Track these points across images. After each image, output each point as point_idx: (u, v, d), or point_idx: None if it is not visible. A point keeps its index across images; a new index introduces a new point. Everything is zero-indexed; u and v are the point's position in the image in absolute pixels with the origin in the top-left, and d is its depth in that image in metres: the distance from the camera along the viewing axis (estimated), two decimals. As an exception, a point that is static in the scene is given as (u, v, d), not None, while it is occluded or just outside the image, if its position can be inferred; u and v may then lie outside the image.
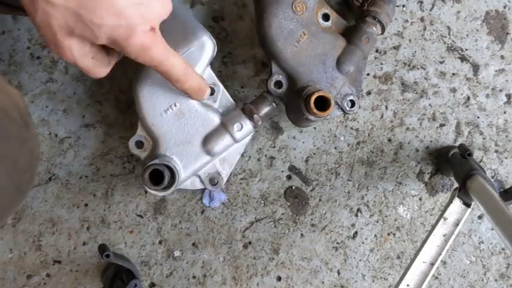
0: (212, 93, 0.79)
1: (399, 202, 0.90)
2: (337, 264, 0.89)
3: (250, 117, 0.77)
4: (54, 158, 0.86)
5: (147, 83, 0.75)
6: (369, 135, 0.90)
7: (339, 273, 0.89)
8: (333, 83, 0.76)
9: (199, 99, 0.73)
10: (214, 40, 0.77)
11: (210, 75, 0.79)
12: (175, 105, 0.76)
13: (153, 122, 0.76)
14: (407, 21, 0.90)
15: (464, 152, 0.82)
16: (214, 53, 0.77)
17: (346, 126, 0.89)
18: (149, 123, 0.76)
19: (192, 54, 0.76)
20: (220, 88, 0.79)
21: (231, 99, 0.79)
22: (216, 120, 0.77)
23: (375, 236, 0.90)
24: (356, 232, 0.90)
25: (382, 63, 0.90)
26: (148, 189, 0.73)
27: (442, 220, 0.74)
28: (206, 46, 0.76)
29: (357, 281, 0.89)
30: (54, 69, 0.86)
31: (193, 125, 0.77)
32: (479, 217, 0.91)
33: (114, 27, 0.53)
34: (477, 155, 0.91)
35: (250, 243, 0.88)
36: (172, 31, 0.75)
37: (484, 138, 0.91)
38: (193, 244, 0.88)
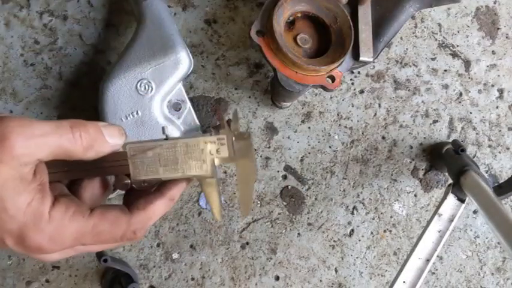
0: (178, 109, 0.79)
1: (394, 199, 0.91)
2: (335, 262, 0.90)
3: None
4: (50, 164, 0.86)
5: (114, 84, 0.75)
6: (362, 133, 0.90)
7: (336, 271, 0.90)
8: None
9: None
10: (191, 58, 0.77)
11: (179, 91, 0.79)
12: (137, 113, 0.76)
13: None
14: (398, 19, 0.91)
15: (458, 147, 0.82)
16: (190, 71, 0.77)
17: (340, 125, 0.90)
18: None
19: (166, 67, 0.76)
20: (188, 106, 0.79)
21: (196, 120, 0.79)
22: (174, 136, 0.77)
23: (371, 233, 0.90)
24: (352, 230, 0.90)
25: (374, 62, 0.90)
26: None
27: (436, 216, 0.75)
28: (182, 63, 0.76)
29: (354, 278, 0.90)
30: (48, 75, 0.86)
31: (151, 136, 0.76)
32: (475, 212, 0.92)
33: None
34: (471, 150, 0.91)
35: (247, 243, 0.89)
36: (153, 40, 0.76)
37: (477, 134, 0.92)
38: (191, 246, 0.88)
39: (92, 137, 0.42)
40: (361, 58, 0.77)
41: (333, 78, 0.76)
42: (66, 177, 0.45)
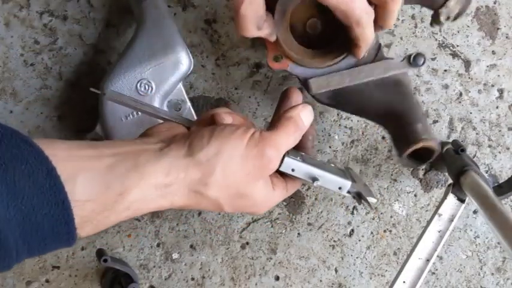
0: (178, 109, 0.79)
1: (394, 199, 0.91)
2: (335, 262, 0.90)
3: None
4: (50, 164, 0.86)
5: (114, 84, 0.75)
6: (362, 133, 0.90)
7: (336, 271, 0.90)
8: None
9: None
10: (191, 58, 0.77)
11: (179, 91, 0.79)
12: (137, 113, 0.76)
13: (112, 125, 0.76)
14: (398, 19, 0.90)
15: (458, 148, 0.82)
16: (190, 71, 0.77)
17: (340, 125, 0.90)
18: (108, 124, 0.76)
19: (166, 67, 0.76)
20: (188, 106, 0.79)
21: None
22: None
23: (371, 233, 0.90)
24: (352, 230, 0.90)
25: (374, 62, 0.90)
26: None
27: (436, 216, 0.75)
28: (182, 63, 0.76)
29: (354, 278, 0.90)
30: (48, 75, 0.86)
31: None
32: (475, 212, 0.92)
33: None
34: (471, 150, 0.91)
35: (247, 243, 0.89)
36: (153, 40, 0.76)
37: (477, 134, 0.92)
38: (191, 246, 0.88)
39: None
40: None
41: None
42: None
